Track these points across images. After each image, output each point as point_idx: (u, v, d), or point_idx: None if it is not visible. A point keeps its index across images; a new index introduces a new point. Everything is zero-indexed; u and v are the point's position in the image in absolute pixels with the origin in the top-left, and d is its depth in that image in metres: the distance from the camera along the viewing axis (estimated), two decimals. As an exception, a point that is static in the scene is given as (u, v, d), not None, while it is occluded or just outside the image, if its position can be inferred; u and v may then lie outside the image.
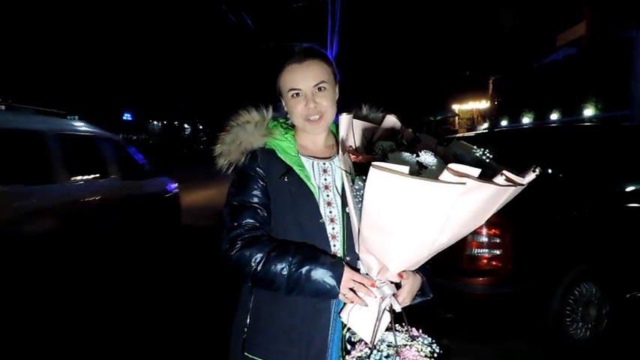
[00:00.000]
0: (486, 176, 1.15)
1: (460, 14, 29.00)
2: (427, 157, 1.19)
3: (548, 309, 3.56)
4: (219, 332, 1.94)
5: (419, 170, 1.18)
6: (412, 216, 1.15)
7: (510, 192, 1.15)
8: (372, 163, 1.09)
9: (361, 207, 1.21)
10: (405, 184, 1.08)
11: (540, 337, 3.66)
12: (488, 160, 1.25)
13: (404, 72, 30.17)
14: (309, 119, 1.50)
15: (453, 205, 1.10)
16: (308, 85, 1.50)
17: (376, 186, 1.11)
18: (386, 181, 1.09)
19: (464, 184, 1.05)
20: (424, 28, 29.21)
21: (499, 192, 1.13)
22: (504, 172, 1.10)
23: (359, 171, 1.28)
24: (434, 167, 1.17)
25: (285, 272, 1.37)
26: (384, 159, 1.23)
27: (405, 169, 1.07)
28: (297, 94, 1.51)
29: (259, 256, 1.41)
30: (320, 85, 1.50)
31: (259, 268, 1.40)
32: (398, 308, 1.35)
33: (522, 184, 1.15)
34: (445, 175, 1.05)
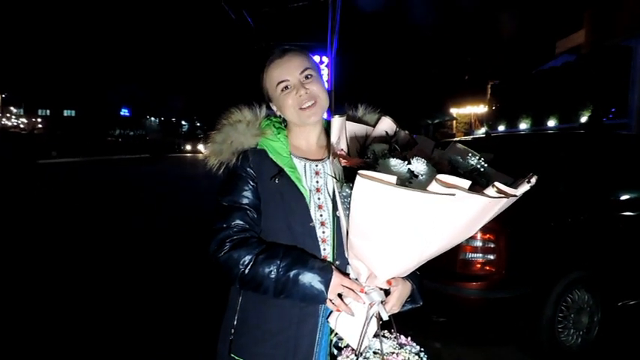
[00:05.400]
0: (480, 185, 1.13)
1: (460, 19, 29.06)
2: (418, 165, 1.16)
3: (541, 315, 3.56)
4: (208, 332, 1.93)
5: (409, 178, 1.15)
6: (399, 226, 1.13)
7: (502, 203, 1.12)
8: (359, 171, 1.07)
9: (349, 213, 1.19)
10: (391, 193, 1.05)
11: (532, 342, 3.66)
12: (483, 169, 1.22)
13: (403, 75, 30.20)
14: (302, 107, 1.48)
15: (441, 216, 1.08)
16: (294, 74, 1.49)
17: (362, 194, 1.09)
18: (372, 190, 1.07)
19: (453, 195, 1.03)
20: (424, 31, 29.27)
21: (490, 203, 1.10)
22: (496, 183, 1.07)
23: (349, 176, 1.26)
24: (425, 176, 1.14)
25: (272, 275, 1.35)
26: (376, 163, 1.21)
27: (393, 178, 1.05)
28: (286, 87, 1.49)
29: (247, 258, 1.38)
30: (306, 73, 1.49)
31: (247, 270, 1.38)
32: (385, 316, 1.33)
33: (515, 196, 1.11)
34: (434, 186, 1.03)
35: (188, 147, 57.01)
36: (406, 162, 1.17)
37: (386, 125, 1.47)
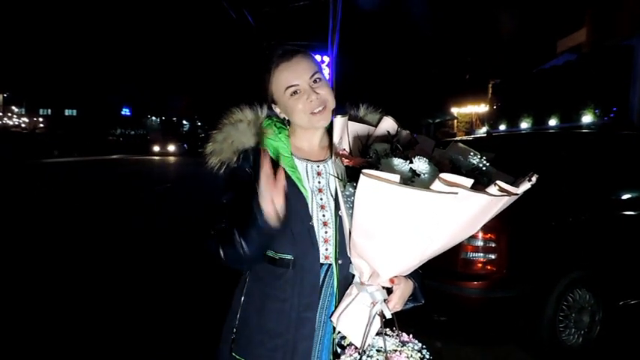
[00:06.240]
0: (481, 184, 1.14)
1: (461, 18, 29.05)
2: (420, 165, 1.17)
3: (542, 314, 3.56)
4: (208, 332, 1.93)
5: (411, 177, 1.16)
6: (403, 224, 1.13)
7: (504, 201, 1.13)
8: (362, 170, 1.07)
9: (352, 212, 1.19)
10: (395, 192, 1.06)
11: (533, 342, 3.66)
12: (484, 168, 1.23)
13: (404, 74, 30.19)
14: (314, 112, 1.47)
15: (444, 214, 1.09)
16: (304, 79, 1.47)
17: (366, 193, 1.10)
18: (376, 188, 1.07)
19: (455, 193, 1.03)
20: (425, 30, 29.25)
21: (492, 201, 1.11)
22: (498, 182, 1.08)
23: (351, 176, 1.26)
24: (427, 175, 1.15)
25: (229, 232, 1.35)
26: (378, 163, 1.22)
27: (396, 177, 1.06)
28: (296, 92, 1.48)
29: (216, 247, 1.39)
30: (315, 77, 1.48)
31: (223, 254, 1.39)
32: (388, 314, 1.34)
33: (516, 194, 1.12)
34: (437, 185, 1.04)
35: (156, 148, 44.95)
36: (408, 161, 1.18)
37: (388, 125, 1.47)
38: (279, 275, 1.45)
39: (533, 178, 1.14)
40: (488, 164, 1.24)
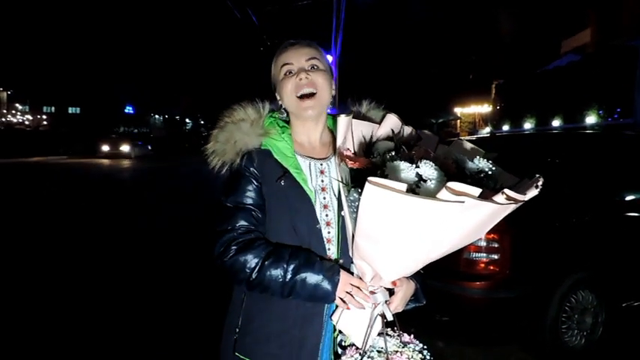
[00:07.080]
0: (487, 188, 1.13)
1: (465, 18, 29.01)
2: (427, 170, 1.15)
3: (545, 315, 3.54)
4: (208, 332, 1.92)
5: (417, 183, 1.15)
6: (408, 231, 1.12)
7: (511, 208, 1.12)
8: (368, 178, 1.06)
9: (356, 217, 1.18)
10: (401, 201, 1.05)
11: (536, 343, 3.64)
12: (490, 172, 1.21)
13: (407, 74, 30.19)
14: (300, 94, 1.45)
15: (450, 221, 1.08)
16: (300, 60, 1.47)
17: (371, 201, 1.09)
18: (382, 197, 1.06)
19: (462, 202, 1.02)
20: (429, 31, 29.23)
21: (499, 209, 1.09)
22: (505, 190, 1.06)
23: (356, 179, 1.25)
24: (433, 181, 1.14)
25: (280, 279, 1.34)
26: (383, 165, 1.20)
27: (403, 186, 1.04)
28: (289, 72, 1.47)
29: (254, 262, 1.36)
30: (312, 63, 1.48)
31: (254, 274, 1.36)
32: (390, 316, 1.33)
33: (523, 201, 1.11)
34: (443, 194, 1.02)
35: (105, 148, 33.87)
36: (414, 165, 1.16)
37: (391, 122, 1.45)
38: None
39: (540, 183, 1.13)
40: (494, 168, 1.22)
